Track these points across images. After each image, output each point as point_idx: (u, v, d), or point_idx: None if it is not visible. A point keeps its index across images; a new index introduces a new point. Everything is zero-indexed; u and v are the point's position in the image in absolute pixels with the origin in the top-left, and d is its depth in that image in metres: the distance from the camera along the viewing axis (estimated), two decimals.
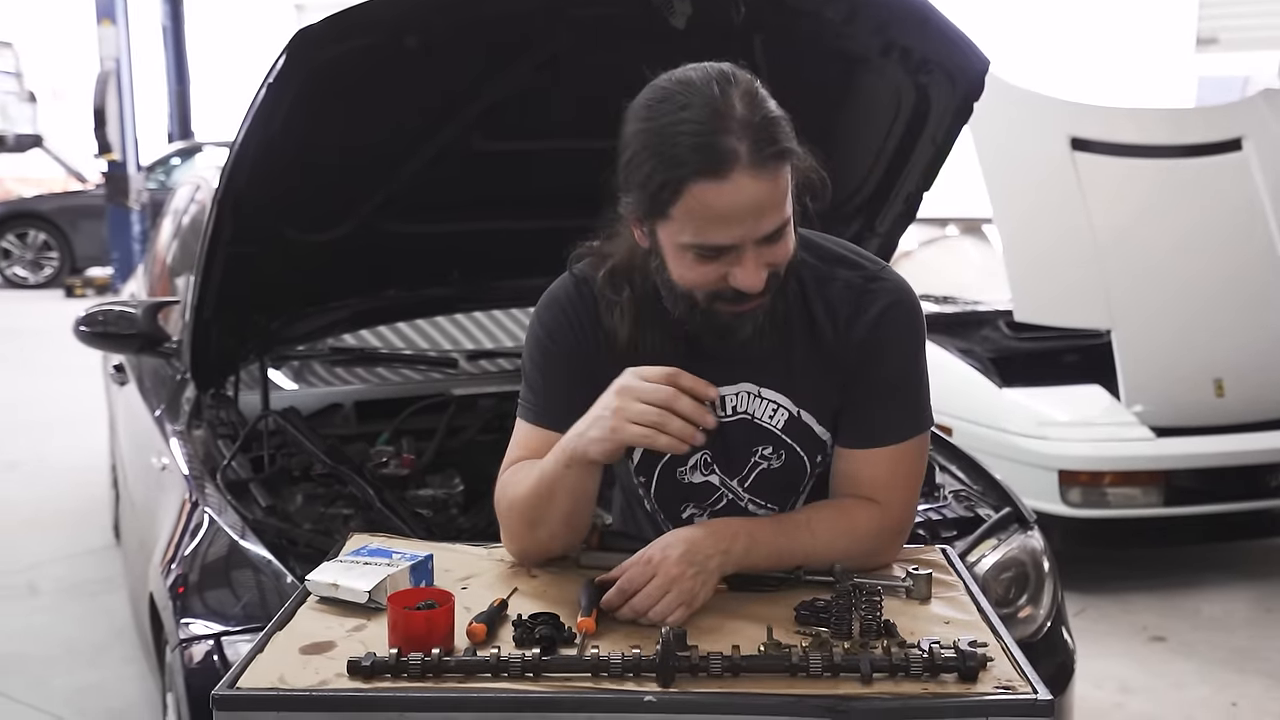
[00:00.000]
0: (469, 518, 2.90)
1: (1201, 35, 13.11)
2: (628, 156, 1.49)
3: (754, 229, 1.46)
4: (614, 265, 1.65)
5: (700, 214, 1.45)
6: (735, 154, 1.42)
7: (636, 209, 1.52)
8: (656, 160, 1.45)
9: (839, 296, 1.65)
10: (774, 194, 1.46)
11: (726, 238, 1.46)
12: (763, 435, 1.69)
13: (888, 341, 1.64)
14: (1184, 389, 4.80)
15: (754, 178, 1.43)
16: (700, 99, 1.44)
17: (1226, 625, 4.46)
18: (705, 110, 1.43)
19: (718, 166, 1.42)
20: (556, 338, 1.68)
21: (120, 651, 3.99)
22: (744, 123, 1.43)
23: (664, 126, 1.45)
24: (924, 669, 1.29)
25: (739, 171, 1.42)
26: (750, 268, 1.49)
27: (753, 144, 1.42)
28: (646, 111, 1.48)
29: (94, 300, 6.74)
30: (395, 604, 1.38)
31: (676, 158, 1.43)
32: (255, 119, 2.19)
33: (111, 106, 11.22)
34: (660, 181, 1.45)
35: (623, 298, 1.64)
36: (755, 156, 1.42)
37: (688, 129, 1.43)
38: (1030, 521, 2.80)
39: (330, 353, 3.57)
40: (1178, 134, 5.05)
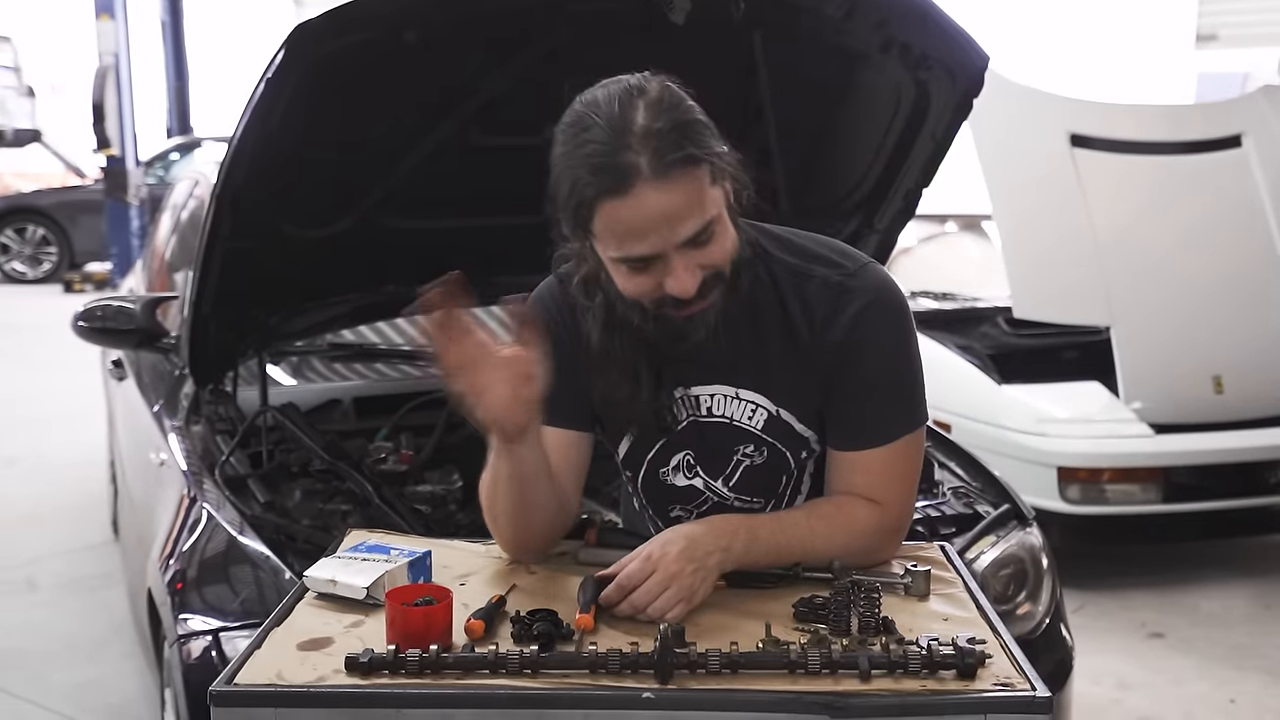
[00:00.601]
0: (467, 514, 2.89)
1: (1201, 32, 13.10)
2: (551, 181, 1.52)
3: (670, 236, 1.47)
4: (586, 273, 1.66)
5: (615, 230, 1.47)
6: (635, 168, 1.43)
7: (567, 230, 1.54)
8: (569, 184, 1.47)
9: (816, 295, 1.63)
10: (685, 199, 1.45)
11: (645, 248, 1.47)
12: (743, 436, 1.68)
13: (866, 342, 1.62)
14: (1183, 386, 4.80)
15: (657, 188, 1.43)
16: (603, 118, 1.46)
17: (1225, 622, 4.46)
18: (606, 130, 1.45)
19: (618, 183, 1.43)
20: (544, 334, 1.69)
21: (119, 647, 3.99)
22: (644, 135, 1.43)
23: (572, 150, 1.47)
24: (922, 666, 1.29)
25: (641, 184, 1.43)
26: (679, 274, 1.49)
27: (653, 154, 1.43)
28: (561, 137, 1.51)
29: (92, 295, 6.73)
30: (393, 600, 1.38)
31: (582, 180, 1.45)
32: (254, 114, 2.19)
33: (110, 101, 11.21)
34: (575, 203, 1.47)
35: (594, 303, 1.65)
36: (656, 166, 1.43)
37: (590, 150, 1.45)
38: (1029, 518, 2.81)
39: (329, 348, 3.57)
40: (1177, 130, 5.05)
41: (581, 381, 1.67)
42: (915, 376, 1.67)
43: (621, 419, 1.70)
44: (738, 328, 1.62)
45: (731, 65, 2.53)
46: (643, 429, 1.70)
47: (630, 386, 1.64)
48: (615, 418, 1.70)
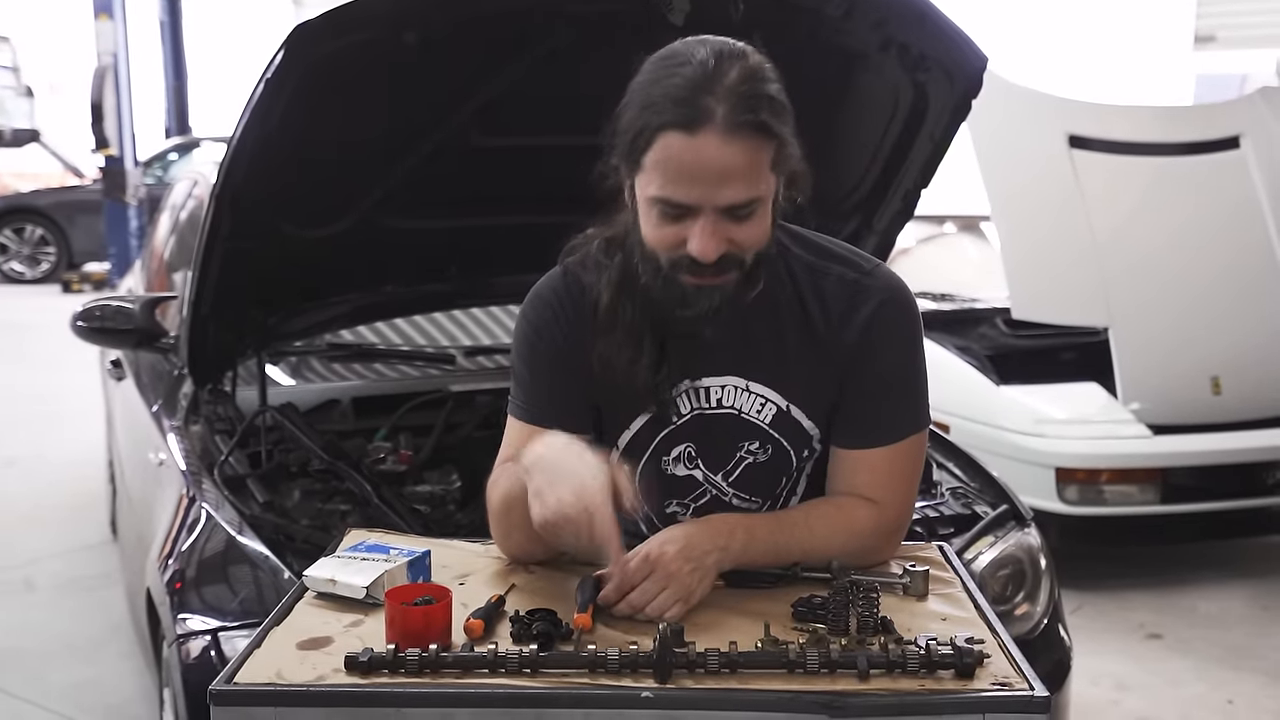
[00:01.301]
0: (466, 514, 2.90)
1: (1199, 33, 13.11)
2: (620, 108, 1.51)
3: (715, 194, 1.46)
4: (611, 234, 1.66)
5: (666, 166, 1.46)
6: (710, 112, 1.43)
7: (619, 158, 1.53)
8: (639, 108, 1.47)
9: (833, 291, 1.64)
10: (743, 163, 1.45)
11: (687, 196, 1.47)
12: (749, 430, 1.68)
13: (881, 340, 1.64)
14: (1181, 387, 4.80)
15: (724, 140, 1.43)
16: (697, 61, 1.46)
17: (1223, 623, 4.47)
18: (697, 70, 1.45)
19: (689, 120, 1.43)
20: (543, 334, 1.69)
21: (117, 647, 3.99)
22: (730, 88, 1.44)
23: (656, 79, 1.47)
24: (921, 665, 1.29)
25: (709, 130, 1.43)
26: (705, 234, 1.48)
27: (731, 108, 1.43)
28: (649, 65, 1.51)
29: (91, 295, 6.73)
30: (393, 600, 1.38)
31: (655, 106, 1.45)
32: (253, 114, 2.19)
33: (109, 101, 11.21)
34: (638, 128, 1.47)
35: (612, 263, 1.64)
36: (729, 120, 1.43)
37: (675, 82, 1.45)
38: (1027, 519, 2.81)
39: (328, 348, 3.57)
40: (1175, 132, 5.05)
41: (582, 382, 1.67)
42: (922, 378, 1.68)
43: (619, 390, 1.66)
44: (754, 320, 1.62)
45: None
46: (639, 400, 1.66)
47: (632, 352, 1.62)
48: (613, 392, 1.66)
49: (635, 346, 1.62)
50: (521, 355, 1.71)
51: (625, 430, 1.70)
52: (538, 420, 1.66)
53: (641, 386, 1.64)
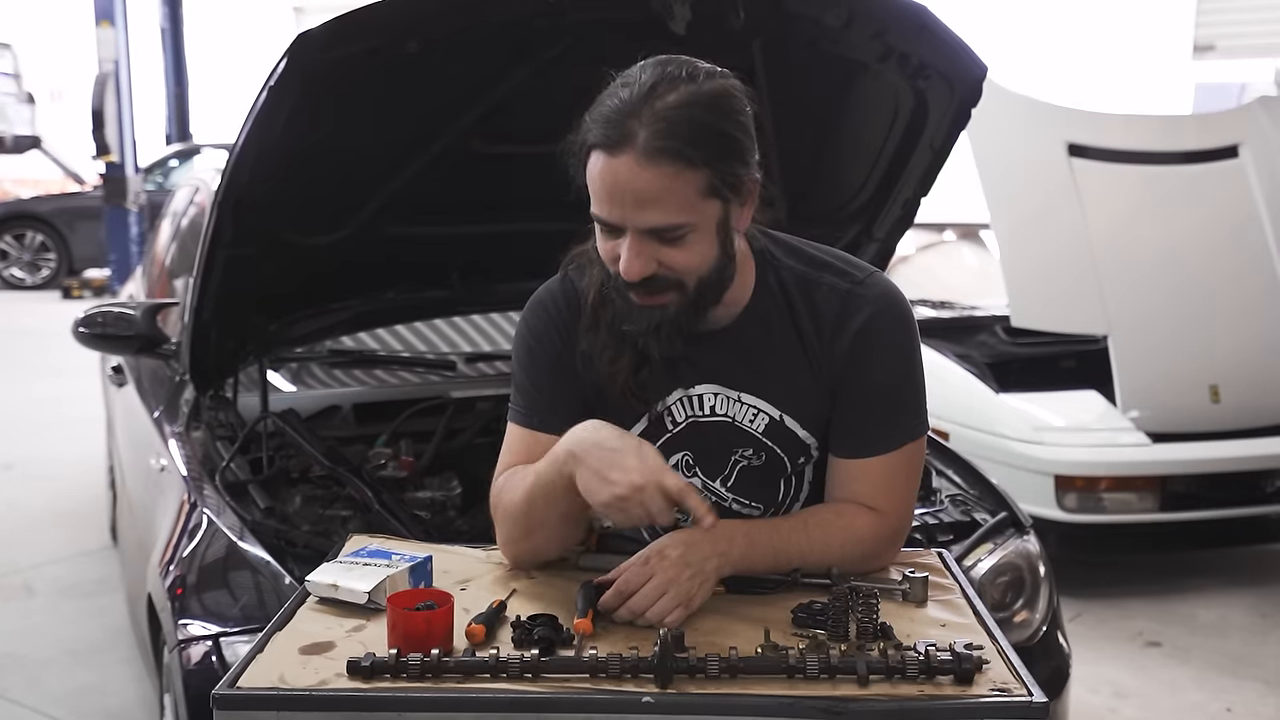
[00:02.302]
0: (467, 520, 2.90)
1: (1199, 42, 13.12)
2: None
3: (634, 216, 1.48)
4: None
5: (593, 183, 1.49)
6: (632, 136, 1.44)
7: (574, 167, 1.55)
8: (584, 121, 1.50)
9: (824, 302, 1.65)
10: (659, 189, 1.45)
11: (609, 215, 1.49)
12: (743, 438, 1.69)
13: (875, 349, 1.64)
14: (1180, 395, 4.81)
15: (639, 165, 1.44)
16: (639, 81, 1.47)
17: (1222, 631, 4.47)
18: (634, 91, 1.46)
19: (611, 142, 1.45)
20: (542, 340, 1.70)
21: (118, 652, 3.99)
22: (658, 113, 1.44)
23: (604, 95, 1.50)
24: (920, 671, 1.30)
25: (628, 153, 1.44)
26: (629, 254, 1.50)
27: (651, 134, 1.44)
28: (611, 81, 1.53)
29: (91, 302, 6.75)
30: (394, 605, 1.38)
31: (590, 124, 1.48)
32: (256, 122, 2.19)
33: (110, 108, 11.22)
34: (579, 143, 1.50)
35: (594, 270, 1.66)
36: (646, 146, 1.44)
37: (612, 104, 1.47)
38: (1026, 526, 2.81)
39: (329, 355, 3.58)
40: (1175, 140, 5.06)
41: (580, 388, 1.68)
42: (919, 385, 1.68)
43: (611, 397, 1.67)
44: (744, 332, 1.63)
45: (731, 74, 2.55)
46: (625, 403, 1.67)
47: (612, 351, 1.64)
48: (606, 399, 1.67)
49: (615, 348, 1.64)
50: (521, 361, 1.73)
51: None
52: (537, 426, 1.67)
53: (622, 386, 1.65)
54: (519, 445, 1.69)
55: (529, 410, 1.70)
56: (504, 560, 1.69)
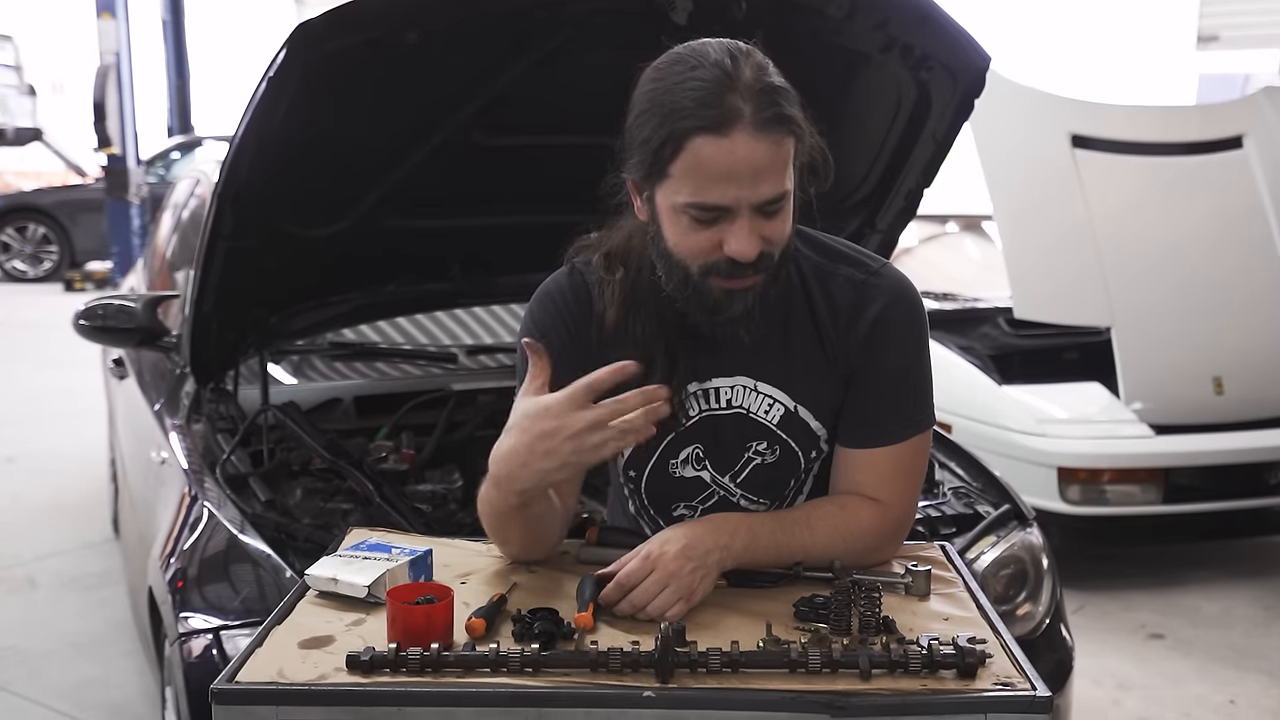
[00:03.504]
0: (468, 513, 2.90)
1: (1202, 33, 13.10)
2: (633, 116, 1.50)
3: (751, 192, 1.46)
4: (611, 248, 1.65)
5: (699, 171, 1.45)
6: (738, 111, 1.43)
7: (637, 170, 1.52)
8: (660, 117, 1.46)
9: (840, 292, 1.65)
10: (774, 158, 1.45)
11: (723, 197, 1.46)
12: (757, 430, 1.68)
13: (887, 340, 1.64)
14: (1183, 386, 4.80)
15: (755, 138, 1.43)
16: (710, 62, 1.46)
17: (1225, 623, 4.47)
18: (714, 71, 1.45)
19: (720, 122, 1.42)
20: (547, 334, 1.67)
21: (119, 645, 4.00)
22: (749, 85, 1.44)
23: (671, 85, 1.46)
24: (923, 665, 1.29)
25: (740, 129, 1.42)
26: (744, 233, 1.48)
27: (756, 106, 1.43)
28: (656, 73, 1.50)
29: (93, 294, 6.73)
30: (394, 599, 1.38)
31: (680, 112, 1.44)
32: (255, 113, 2.19)
33: (111, 100, 11.21)
34: (662, 138, 1.45)
35: (615, 278, 1.63)
36: (758, 117, 1.43)
37: (694, 86, 1.44)
38: (1029, 519, 2.81)
39: (330, 347, 3.58)
40: (1178, 131, 5.05)
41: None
42: (927, 377, 1.68)
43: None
44: (763, 321, 1.62)
45: None
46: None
47: (644, 368, 1.61)
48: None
49: (646, 364, 1.61)
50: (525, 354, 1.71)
51: None
52: None
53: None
54: None
55: None
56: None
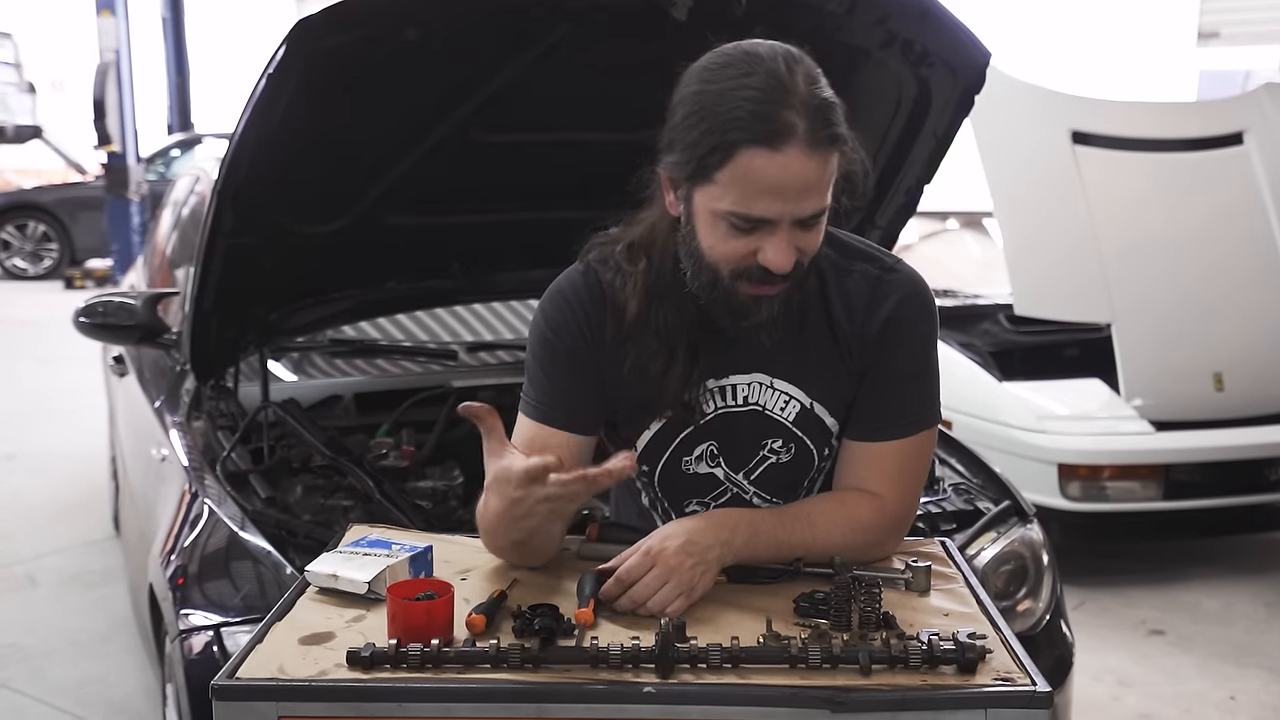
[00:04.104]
0: (469, 510, 2.89)
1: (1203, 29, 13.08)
2: (680, 116, 1.48)
3: (795, 208, 1.45)
4: (633, 239, 1.64)
5: (746, 181, 1.44)
6: (793, 127, 1.41)
7: (678, 170, 1.50)
8: (711, 122, 1.44)
9: (855, 288, 1.65)
10: (821, 175, 1.45)
11: (767, 210, 1.45)
12: (773, 427, 1.68)
13: (899, 335, 1.65)
14: (1184, 383, 4.80)
15: (807, 155, 1.42)
16: (764, 70, 1.44)
17: (1225, 619, 4.47)
18: (769, 80, 1.43)
19: (774, 137, 1.41)
20: (560, 332, 1.66)
21: (120, 643, 4.00)
22: (804, 100, 1.42)
23: (724, 91, 1.44)
24: (923, 660, 1.29)
25: (794, 145, 1.41)
26: (782, 245, 1.47)
27: (810, 123, 1.42)
28: (707, 74, 1.47)
29: (93, 292, 6.74)
30: (395, 595, 1.38)
31: (733, 121, 1.42)
32: (255, 110, 2.19)
33: (111, 98, 11.21)
34: (712, 144, 1.44)
35: (637, 269, 1.62)
36: (811, 135, 1.42)
37: (748, 95, 1.42)
38: (1029, 515, 2.81)
39: (330, 344, 3.58)
40: (1179, 128, 5.05)
41: (597, 383, 1.66)
42: (935, 375, 1.69)
43: (647, 397, 1.65)
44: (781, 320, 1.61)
45: None
46: (668, 408, 1.65)
47: (665, 360, 1.62)
48: (638, 398, 1.66)
49: (668, 355, 1.61)
50: (536, 354, 1.69)
51: (645, 430, 1.70)
52: (549, 420, 1.65)
53: (673, 395, 1.63)
54: (528, 438, 1.66)
55: (541, 404, 1.67)
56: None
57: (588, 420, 1.67)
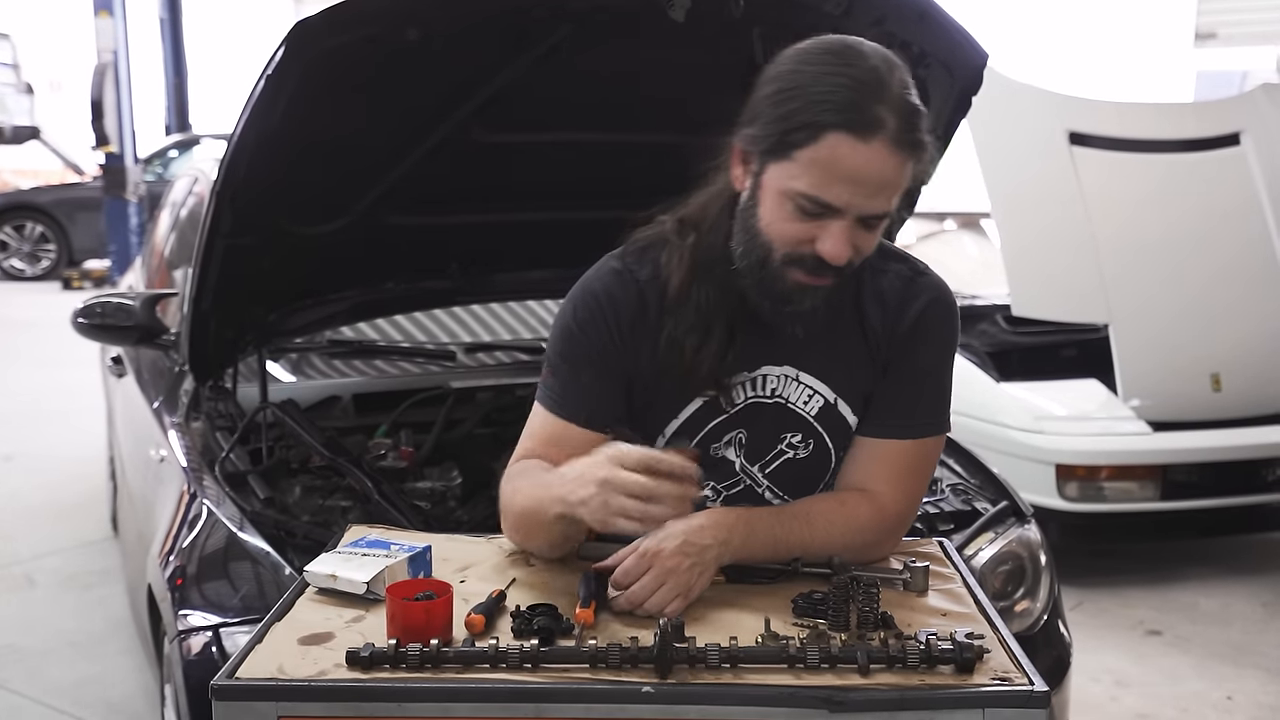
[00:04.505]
0: (467, 510, 2.90)
1: (1200, 30, 13.10)
2: (769, 91, 1.49)
3: (866, 202, 1.47)
4: (685, 214, 1.65)
5: (827, 166, 1.45)
6: (884, 121, 1.43)
7: (756, 143, 1.51)
8: (804, 100, 1.45)
9: (890, 286, 1.67)
10: (898, 176, 1.46)
11: (839, 199, 1.46)
12: (794, 421, 1.69)
13: (928, 335, 1.67)
14: (1181, 383, 4.81)
15: (890, 153, 1.44)
16: (865, 64, 1.45)
17: (1223, 619, 4.47)
18: (869, 74, 1.45)
19: (865, 127, 1.43)
20: (588, 331, 1.65)
21: (118, 643, 4.00)
22: (898, 101, 1.44)
23: (822, 74, 1.46)
24: (921, 660, 1.29)
25: (881, 140, 1.43)
26: (842, 237, 1.49)
27: (901, 123, 1.44)
28: (807, 56, 1.49)
29: (91, 292, 6.72)
30: (394, 595, 1.38)
31: (827, 104, 1.43)
32: (254, 111, 2.19)
33: (109, 98, 11.19)
34: (801, 121, 1.45)
35: (685, 243, 1.63)
36: (899, 135, 1.44)
37: (846, 83, 1.44)
38: (1027, 515, 2.81)
39: (328, 345, 3.58)
40: (1176, 128, 5.05)
41: (618, 384, 1.66)
42: (950, 383, 1.71)
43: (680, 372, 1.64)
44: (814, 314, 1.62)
45: (731, 62, 2.54)
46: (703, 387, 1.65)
47: (701, 335, 1.62)
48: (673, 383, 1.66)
49: (704, 330, 1.62)
50: (559, 347, 1.68)
51: (675, 417, 1.70)
52: (569, 415, 1.65)
53: (706, 372, 1.63)
54: (544, 431, 1.66)
55: (562, 399, 1.67)
56: (504, 549, 1.69)
57: (607, 418, 1.67)
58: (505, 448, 3.11)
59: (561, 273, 3.30)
